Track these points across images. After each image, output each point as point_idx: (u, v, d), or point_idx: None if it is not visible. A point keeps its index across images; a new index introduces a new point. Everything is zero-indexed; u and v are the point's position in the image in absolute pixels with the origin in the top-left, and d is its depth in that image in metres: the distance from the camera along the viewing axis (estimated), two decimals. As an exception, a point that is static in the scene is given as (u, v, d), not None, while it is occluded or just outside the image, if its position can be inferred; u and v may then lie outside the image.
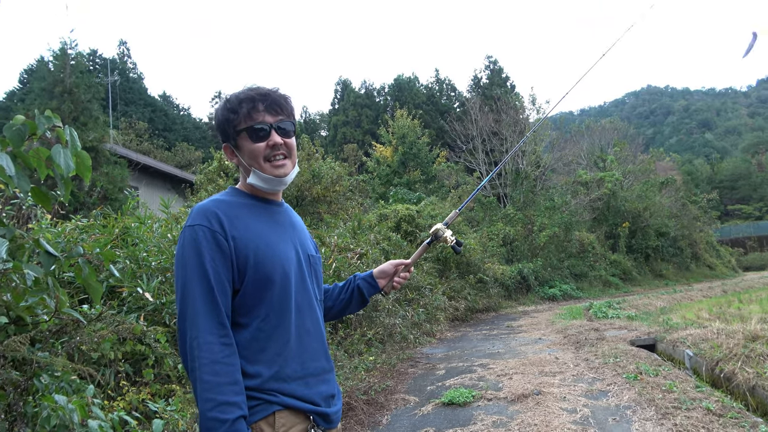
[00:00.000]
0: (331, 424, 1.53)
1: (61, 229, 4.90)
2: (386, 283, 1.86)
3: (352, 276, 1.89)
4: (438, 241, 1.88)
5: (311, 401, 1.46)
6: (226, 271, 1.39)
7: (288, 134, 1.53)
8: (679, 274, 27.50)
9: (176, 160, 31.73)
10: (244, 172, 1.56)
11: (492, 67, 43.54)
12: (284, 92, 1.55)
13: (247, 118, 1.48)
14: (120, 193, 12.45)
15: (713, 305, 10.90)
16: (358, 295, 1.85)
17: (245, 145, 1.49)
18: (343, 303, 1.85)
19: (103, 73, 35.39)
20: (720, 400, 4.47)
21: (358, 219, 11.30)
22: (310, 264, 1.61)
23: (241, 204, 1.50)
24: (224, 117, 1.51)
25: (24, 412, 1.98)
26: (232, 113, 1.49)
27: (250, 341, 1.41)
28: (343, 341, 6.90)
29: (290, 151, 1.54)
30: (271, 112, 1.50)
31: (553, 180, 27.94)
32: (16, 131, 1.82)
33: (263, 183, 1.52)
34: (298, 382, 1.46)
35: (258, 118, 1.48)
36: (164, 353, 3.70)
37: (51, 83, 13.34)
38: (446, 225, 1.89)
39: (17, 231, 1.95)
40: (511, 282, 16.56)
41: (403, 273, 1.87)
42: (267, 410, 1.39)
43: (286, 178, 1.53)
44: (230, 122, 1.49)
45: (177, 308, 1.39)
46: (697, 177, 59.39)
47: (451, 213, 1.95)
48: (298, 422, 1.43)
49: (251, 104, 1.48)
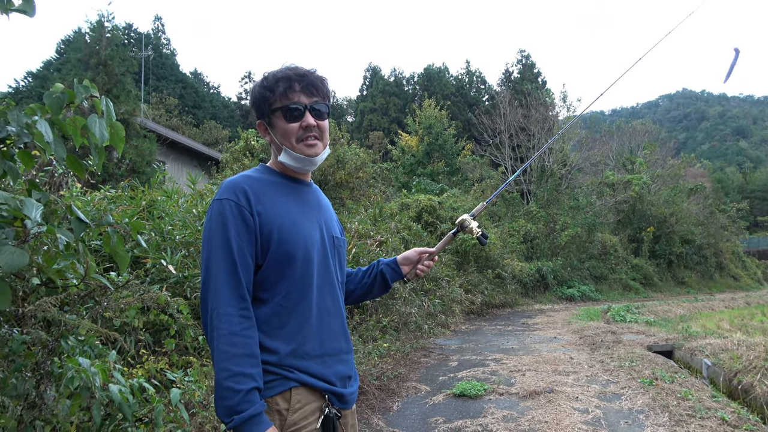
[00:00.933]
0: (346, 404, 1.55)
1: (90, 198, 5.02)
2: (409, 270, 1.86)
3: (375, 261, 1.89)
4: (464, 232, 1.85)
5: (327, 380, 1.48)
6: (249, 245, 1.41)
7: (322, 116, 1.54)
8: (701, 282, 26.99)
9: (204, 138, 32.06)
10: (276, 150, 1.57)
11: (524, 61, 42.91)
12: (321, 74, 1.55)
13: (283, 98, 1.48)
14: (148, 166, 12.65)
15: (735, 316, 10.71)
16: (381, 281, 1.85)
17: (279, 123, 1.50)
18: (366, 287, 1.85)
19: (137, 47, 35.88)
20: (736, 411, 4.40)
21: (379, 206, 11.31)
22: (333, 245, 1.61)
23: (270, 181, 1.52)
24: (260, 94, 1.52)
25: (50, 372, 2.05)
26: (268, 91, 1.49)
27: (270, 316, 1.44)
28: (358, 326, 6.96)
29: (322, 133, 1.55)
30: (307, 92, 1.50)
31: (579, 179, 27.55)
32: (55, 99, 1.86)
33: (294, 162, 1.53)
34: (316, 360, 1.47)
35: (294, 98, 1.48)
36: (186, 324, 3.78)
37: (87, 54, 13.56)
38: (473, 216, 1.87)
39: (51, 196, 2.00)
40: (529, 279, 16.46)
41: (426, 261, 1.86)
42: (284, 386, 1.41)
43: (317, 159, 1.54)
44: (266, 100, 1.50)
45: (201, 279, 1.42)
46: (728, 185, 57.99)
47: (479, 205, 1.92)
48: (314, 400, 1.45)
49: (288, 84, 1.48)
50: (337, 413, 1.48)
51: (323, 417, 1.44)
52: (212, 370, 3.68)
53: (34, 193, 2.00)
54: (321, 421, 1.44)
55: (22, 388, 2.00)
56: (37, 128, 1.80)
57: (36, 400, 2.02)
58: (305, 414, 1.42)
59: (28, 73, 32.71)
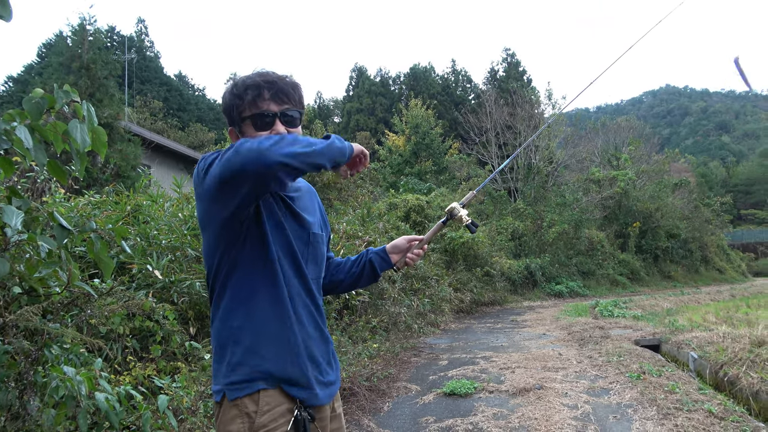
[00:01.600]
0: (322, 402, 1.51)
1: (74, 203, 4.96)
2: (399, 258, 1.82)
3: (365, 250, 1.86)
4: (453, 220, 1.81)
5: (297, 382, 1.44)
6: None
7: (294, 123, 1.50)
8: (687, 276, 27.31)
9: (189, 141, 31.83)
10: None
11: (509, 60, 43.14)
12: (293, 80, 1.52)
13: (252, 106, 1.45)
14: (133, 170, 12.53)
15: (720, 309, 10.84)
16: (369, 270, 1.82)
17: (249, 131, 1.48)
18: (354, 276, 1.82)
19: (120, 50, 35.51)
20: (722, 403, 4.46)
21: (367, 207, 11.30)
22: (309, 242, 1.57)
23: None
24: (230, 102, 1.49)
25: (34, 381, 2.02)
26: (237, 99, 1.47)
27: (235, 305, 1.43)
28: (347, 327, 6.94)
29: None
30: (277, 100, 1.47)
31: (565, 176, 27.74)
32: (35, 104, 1.83)
33: None
34: (285, 358, 1.43)
35: (263, 106, 1.45)
36: (172, 330, 3.75)
37: (68, 58, 13.39)
38: (462, 205, 1.82)
39: (32, 203, 1.98)
40: (517, 276, 16.55)
41: (416, 249, 1.83)
42: (251, 388, 1.38)
43: None
44: (236, 107, 1.48)
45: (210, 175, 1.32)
46: (712, 180, 58.67)
47: (468, 193, 1.87)
48: (284, 401, 1.41)
49: (257, 91, 1.45)
50: (310, 415, 1.44)
51: (294, 419, 1.40)
52: (200, 376, 3.66)
53: (14, 201, 1.97)
54: (292, 424, 1.40)
55: (5, 399, 1.97)
56: (16, 134, 1.77)
57: (20, 411, 1.99)
58: (275, 416, 1.38)
59: (8, 77, 32.42)
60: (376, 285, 8.07)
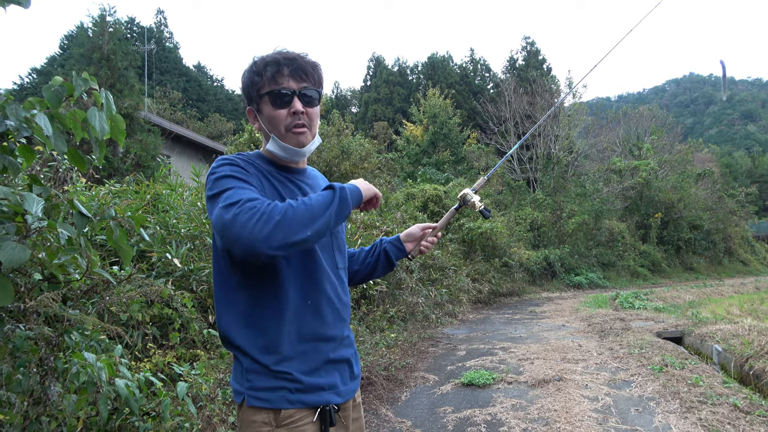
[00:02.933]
0: (346, 397, 1.48)
1: (94, 192, 5.01)
2: (413, 246, 1.80)
3: (378, 240, 1.84)
4: (466, 206, 1.79)
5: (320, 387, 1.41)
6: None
7: (312, 102, 1.47)
8: (710, 268, 26.84)
9: (208, 131, 32.06)
10: (264, 138, 1.51)
11: (529, 48, 42.52)
12: (313, 59, 1.49)
13: (271, 82, 1.42)
14: (153, 160, 12.65)
15: (745, 301, 10.63)
16: (384, 259, 1.80)
17: (266, 109, 1.45)
18: (370, 267, 1.80)
19: (140, 41, 35.81)
20: (748, 397, 4.36)
21: (385, 197, 11.28)
22: (331, 231, 1.52)
23: (262, 168, 1.46)
24: (249, 79, 1.46)
25: (55, 367, 2.03)
26: (256, 75, 1.44)
27: (255, 307, 1.38)
28: (365, 317, 6.95)
29: (311, 121, 1.48)
30: (296, 77, 1.44)
31: (585, 166, 27.42)
32: (54, 92, 1.83)
33: (281, 151, 1.47)
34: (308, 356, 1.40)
35: (282, 82, 1.42)
36: (191, 318, 3.77)
37: (89, 49, 13.54)
38: (474, 191, 1.80)
39: (52, 191, 1.98)
40: (536, 267, 16.42)
41: (430, 237, 1.81)
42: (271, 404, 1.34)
43: (305, 149, 1.48)
44: (254, 85, 1.45)
45: (211, 215, 1.28)
46: (737, 170, 57.41)
47: (479, 179, 1.84)
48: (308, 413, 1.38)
49: (276, 68, 1.42)
50: (335, 406, 1.42)
51: (320, 410, 1.38)
52: (219, 364, 3.68)
53: (35, 188, 1.98)
54: (318, 414, 1.38)
55: (27, 384, 1.99)
56: (36, 122, 1.78)
57: (41, 396, 2.01)
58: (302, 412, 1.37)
59: (32, 69, 32.82)
60: (393, 275, 8.05)
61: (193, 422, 2.87)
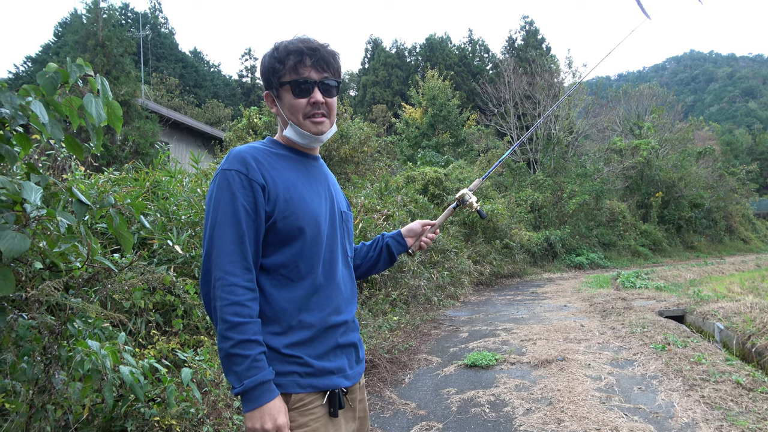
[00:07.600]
0: (353, 381, 1.53)
1: (94, 180, 4.99)
2: (414, 242, 1.87)
3: (380, 235, 1.88)
4: (464, 206, 1.89)
5: (330, 371, 1.45)
6: (257, 218, 1.37)
7: (331, 93, 1.50)
8: (711, 246, 26.89)
9: (206, 117, 31.91)
10: (282, 123, 1.54)
11: (528, 28, 42.05)
12: (333, 49, 1.51)
13: (293, 72, 1.44)
14: (151, 147, 12.61)
15: (746, 279, 10.65)
16: (386, 254, 1.85)
17: (287, 97, 1.47)
18: (372, 261, 1.84)
19: (135, 27, 35.50)
20: (751, 374, 4.38)
21: (385, 180, 11.24)
22: (342, 219, 1.59)
23: (278, 155, 1.48)
24: (270, 65, 1.47)
25: (58, 356, 2.03)
26: (278, 63, 1.45)
27: (275, 289, 1.41)
28: (367, 300, 6.96)
29: (330, 111, 1.51)
30: (318, 68, 1.46)
31: (585, 146, 27.29)
32: (49, 79, 1.81)
33: (299, 138, 1.50)
34: (318, 342, 1.44)
35: (304, 72, 1.44)
36: (193, 304, 3.77)
37: (84, 36, 13.41)
38: (472, 191, 1.91)
39: (51, 179, 1.96)
40: (537, 249, 16.44)
41: (430, 233, 1.87)
42: (282, 389, 1.37)
43: (323, 136, 1.52)
44: (275, 72, 1.46)
45: (204, 248, 1.38)
46: (737, 148, 57.23)
47: (476, 181, 1.97)
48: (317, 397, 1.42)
49: (299, 57, 1.44)
50: (344, 389, 1.47)
51: (329, 393, 1.43)
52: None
53: (33, 177, 1.96)
54: (327, 397, 1.42)
55: (31, 372, 1.99)
56: (32, 110, 1.75)
57: (46, 384, 2.01)
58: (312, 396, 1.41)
59: (27, 57, 32.61)
60: (395, 258, 8.05)
61: (199, 407, 2.88)
